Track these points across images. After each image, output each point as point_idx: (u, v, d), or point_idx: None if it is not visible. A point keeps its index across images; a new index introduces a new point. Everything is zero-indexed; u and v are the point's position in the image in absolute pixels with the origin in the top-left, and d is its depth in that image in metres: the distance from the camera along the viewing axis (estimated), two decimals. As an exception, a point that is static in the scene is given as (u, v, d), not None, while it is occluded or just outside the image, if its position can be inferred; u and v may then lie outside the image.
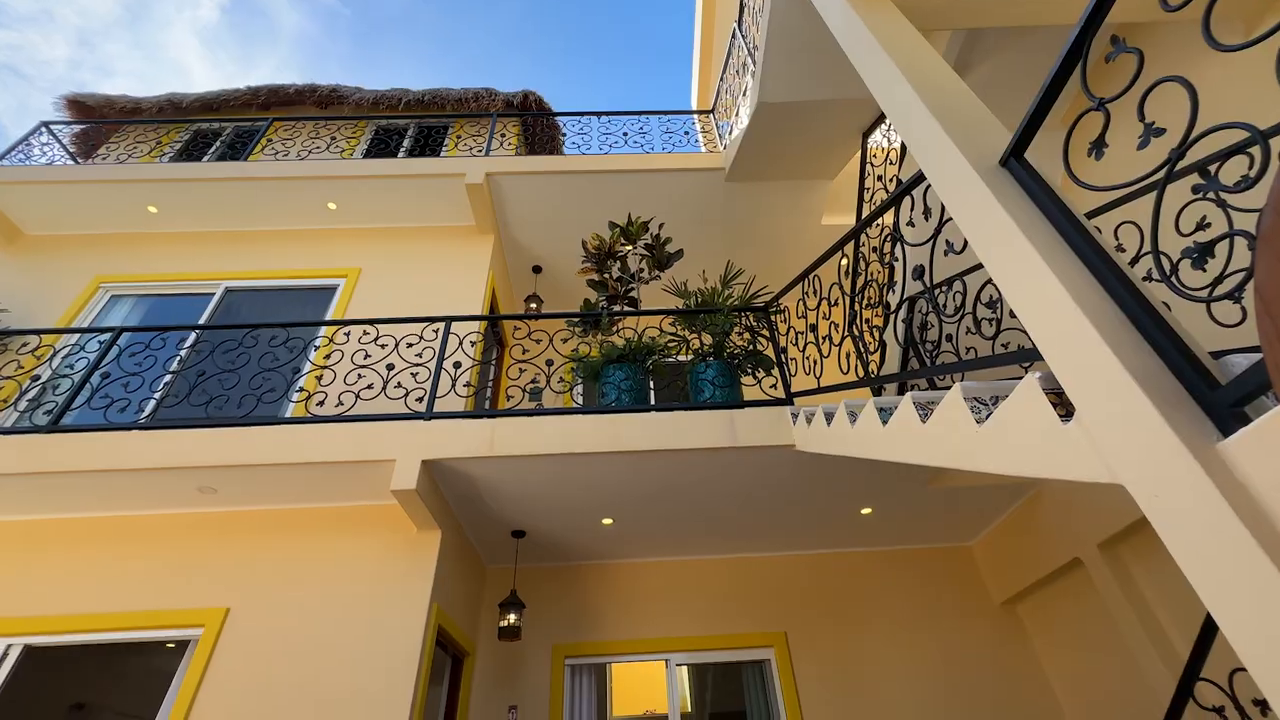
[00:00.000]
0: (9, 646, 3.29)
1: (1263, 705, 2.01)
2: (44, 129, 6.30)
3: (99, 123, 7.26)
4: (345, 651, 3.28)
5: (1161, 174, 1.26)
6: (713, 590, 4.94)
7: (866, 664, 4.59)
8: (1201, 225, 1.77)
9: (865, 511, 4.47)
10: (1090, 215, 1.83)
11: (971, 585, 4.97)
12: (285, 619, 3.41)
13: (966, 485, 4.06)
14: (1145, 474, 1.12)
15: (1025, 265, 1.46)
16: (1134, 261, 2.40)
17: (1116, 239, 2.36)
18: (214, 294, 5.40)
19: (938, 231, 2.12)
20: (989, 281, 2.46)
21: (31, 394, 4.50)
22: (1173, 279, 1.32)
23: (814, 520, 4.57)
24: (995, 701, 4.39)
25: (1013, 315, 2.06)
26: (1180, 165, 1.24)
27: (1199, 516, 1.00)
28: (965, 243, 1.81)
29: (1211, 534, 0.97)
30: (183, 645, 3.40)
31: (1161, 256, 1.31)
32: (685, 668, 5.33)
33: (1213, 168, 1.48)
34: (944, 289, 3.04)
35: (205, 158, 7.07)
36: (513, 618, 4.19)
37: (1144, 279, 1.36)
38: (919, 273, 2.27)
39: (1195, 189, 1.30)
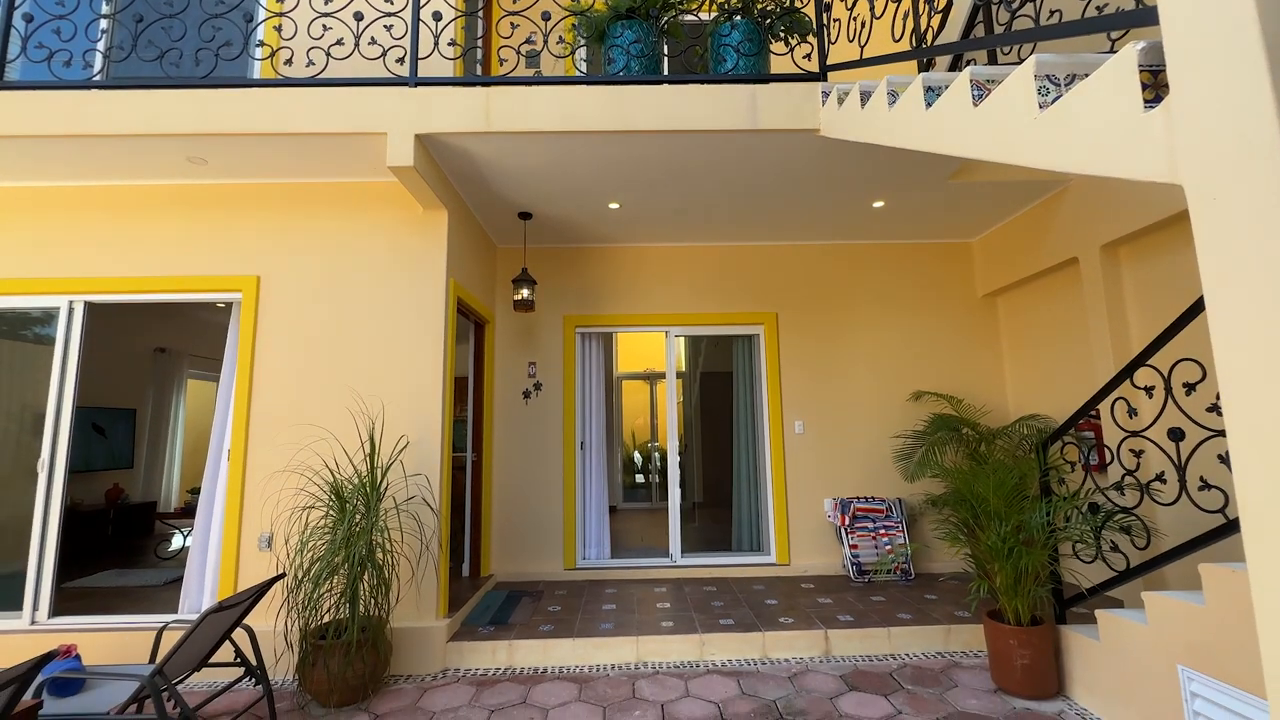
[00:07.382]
0: (72, 303, 3.62)
1: (1189, 388, 2.28)
2: None
3: None
4: (379, 311, 3.66)
5: None
6: (713, 273, 5.21)
7: (845, 341, 5.14)
8: None
9: (877, 205, 4.38)
10: None
11: (961, 279, 5.21)
12: (314, 286, 3.69)
13: (991, 180, 3.86)
14: (1214, 173, 1.00)
15: None
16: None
17: None
18: (113, -99, 4.23)
19: None
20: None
21: (-44, 40, 3.93)
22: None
23: (824, 212, 4.50)
24: (949, 377, 5.06)
25: (1132, -39, 1.61)
26: None
27: (1253, 221, 0.92)
28: None
29: (1257, 240, 0.92)
30: (228, 306, 3.77)
31: None
32: (682, 338, 6.01)
33: None
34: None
35: None
36: (525, 292, 4.52)
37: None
38: (1035, -114, 1.69)
39: None
